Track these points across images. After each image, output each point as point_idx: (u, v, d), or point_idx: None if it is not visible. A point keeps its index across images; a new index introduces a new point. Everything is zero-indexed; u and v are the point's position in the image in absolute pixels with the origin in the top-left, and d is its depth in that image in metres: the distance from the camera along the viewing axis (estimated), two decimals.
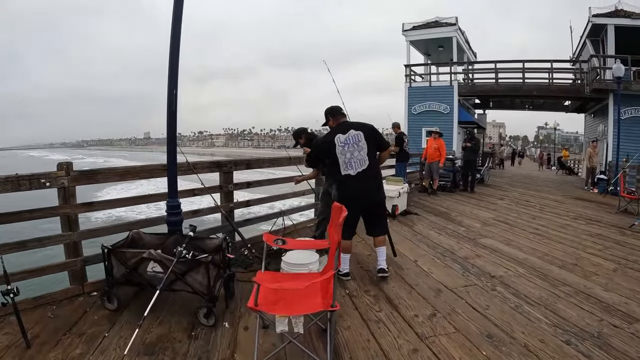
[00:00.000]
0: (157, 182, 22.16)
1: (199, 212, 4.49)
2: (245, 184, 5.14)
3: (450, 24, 17.34)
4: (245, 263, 4.28)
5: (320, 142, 4.04)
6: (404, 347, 2.73)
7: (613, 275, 4.32)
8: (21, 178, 3.12)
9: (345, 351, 2.68)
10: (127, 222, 3.94)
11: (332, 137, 3.79)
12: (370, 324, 3.08)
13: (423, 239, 5.78)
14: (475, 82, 17.68)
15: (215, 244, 3.46)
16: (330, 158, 3.86)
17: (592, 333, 2.95)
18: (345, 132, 3.76)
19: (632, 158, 11.18)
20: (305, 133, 4.88)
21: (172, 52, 3.47)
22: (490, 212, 8.28)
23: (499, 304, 3.50)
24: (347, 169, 3.74)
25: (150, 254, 3.02)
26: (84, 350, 2.61)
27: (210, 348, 2.68)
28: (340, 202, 3.73)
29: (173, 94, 3.47)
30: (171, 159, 3.66)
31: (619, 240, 5.97)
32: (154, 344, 2.70)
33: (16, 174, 3.13)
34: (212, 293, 2.97)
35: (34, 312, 3.14)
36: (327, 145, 3.81)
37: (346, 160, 3.73)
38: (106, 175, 3.67)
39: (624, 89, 12.90)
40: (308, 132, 4.89)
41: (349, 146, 3.74)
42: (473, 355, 2.63)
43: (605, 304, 3.51)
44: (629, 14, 14.10)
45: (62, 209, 3.38)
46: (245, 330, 2.95)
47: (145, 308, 3.11)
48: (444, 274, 4.24)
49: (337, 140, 3.75)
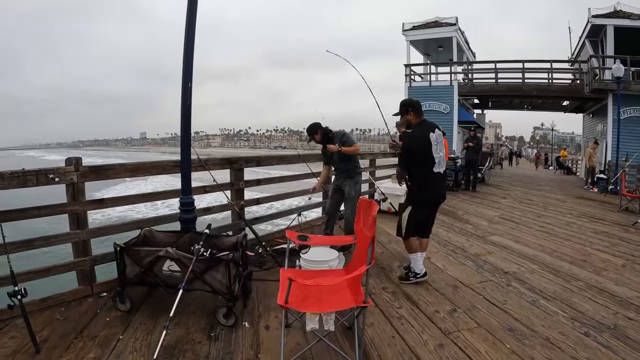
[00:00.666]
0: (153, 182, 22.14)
1: (210, 210, 4.43)
2: (256, 182, 5.09)
3: (450, 24, 17.35)
4: (259, 261, 4.23)
5: (416, 139, 3.65)
6: (430, 343, 2.71)
7: (622, 270, 4.38)
8: (28, 173, 3.00)
9: (372, 348, 2.64)
10: (137, 220, 3.86)
11: (427, 134, 3.60)
12: (392, 320, 3.06)
13: (433, 236, 5.69)
14: (475, 82, 17.70)
15: (232, 241, 3.40)
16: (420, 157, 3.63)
17: (608, 325, 3.01)
18: (434, 131, 3.64)
19: (632, 157, 11.24)
20: (320, 128, 4.70)
21: (187, 45, 3.41)
22: (495, 210, 8.29)
23: (516, 299, 3.52)
24: (438, 168, 3.64)
25: (167, 252, 2.94)
26: (98, 355, 2.50)
27: (232, 349, 2.61)
28: (429, 200, 3.76)
29: (188, 87, 3.40)
30: (185, 155, 3.59)
31: (624, 237, 6.03)
32: (173, 346, 2.62)
33: (22, 169, 3.00)
34: (232, 292, 2.91)
35: (42, 315, 3.01)
36: (425, 145, 3.58)
37: (439, 159, 3.63)
38: (117, 171, 3.60)
39: (624, 89, 12.96)
40: (323, 128, 4.72)
41: (439, 145, 3.65)
42: (498, 349, 2.64)
43: (619, 298, 3.56)
44: (628, 15, 14.18)
45: (70, 206, 3.27)
46: (267, 329, 2.89)
47: (159, 308, 3.08)
48: (458, 271, 4.25)
49: (432, 138, 3.60)
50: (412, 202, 3.77)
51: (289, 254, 2.82)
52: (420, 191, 3.71)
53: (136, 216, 12.49)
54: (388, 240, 5.49)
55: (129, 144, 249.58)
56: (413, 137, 3.70)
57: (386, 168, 8.86)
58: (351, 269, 2.61)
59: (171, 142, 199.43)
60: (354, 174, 4.81)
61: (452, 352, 2.60)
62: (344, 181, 4.78)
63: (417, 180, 3.73)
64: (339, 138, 4.67)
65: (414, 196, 3.77)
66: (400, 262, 4.47)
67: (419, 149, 3.61)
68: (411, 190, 3.80)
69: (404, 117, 3.81)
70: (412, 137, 3.71)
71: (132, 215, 13.32)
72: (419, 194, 3.73)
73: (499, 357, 2.54)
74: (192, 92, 3.48)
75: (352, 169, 4.79)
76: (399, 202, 6.92)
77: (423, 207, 3.75)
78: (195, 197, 3.87)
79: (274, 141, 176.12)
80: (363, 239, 2.48)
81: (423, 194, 3.71)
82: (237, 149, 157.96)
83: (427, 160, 3.59)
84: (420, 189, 3.71)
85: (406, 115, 3.76)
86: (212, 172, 4.20)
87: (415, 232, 3.81)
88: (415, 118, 3.75)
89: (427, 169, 3.61)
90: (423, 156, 3.59)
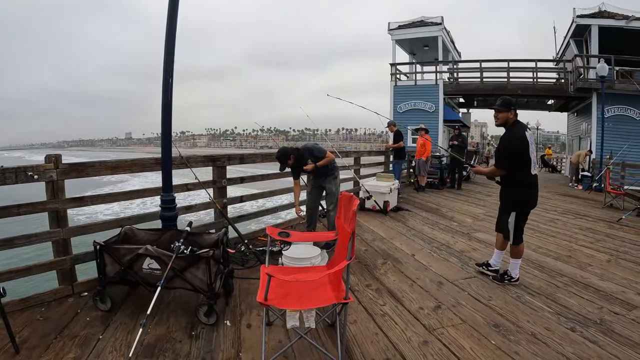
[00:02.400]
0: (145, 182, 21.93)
1: (193, 208, 4.38)
2: (239, 179, 5.03)
3: (436, 24, 17.43)
4: (242, 259, 4.19)
5: (520, 139, 3.47)
6: (414, 340, 2.70)
7: (607, 265, 4.42)
8: (7, 171, 2.95)
9: (355, 345, 2.62)
10: (118, 218, 3.79)
11: (524, 134, 3.48)
12: (376, 317, 3.04)
13: (417, 233, 5.76)
14: (461, 81, 17.83)
15: (213, 239, 3.35)
16: (523, 158, 3.51)
17: (594, 320, 3.03)
18: (528, 130, 3.56)
19: (616, 155, 11.41)
20: (292, 152, 4.50)
21: (168, 39, 3.35)
22: (479, 207, 8.33)
23: (501, 294, 3.53)
24: (534, 169, 3.58)
25: (146, 250, 2.90)
26: (78, 355, 2.46)
27: (213, 348, 2.57)
28: (530, 203, 3.64)
29: (168, 82, 3.34)
30: (166, 151, 3.53)
31: (608, 233, 6.09)
32: (153, 345, 2.58)
33: (1, 167, 2.98)
34: (213, 290, 2.87)
35: (22, 315, 2.96)
36: (524, 144, 3.47)
37: (534, 159, 3.56)
38: (97, 168, 3.53)
39: (608, 88, 13.16)
40: (292, 149, 4.53)
41: (534, 144, 3.60)
42: (483, 345, 2.63)
43: (604, 293, 3.59)
44: (613, 15, 14.43)
45: (50, 204, 3.21)
46: (249, 327, 2.85)
47: (140, 307, 3.03)
48: (443, 267, 4.24)
49: (528, 137, 3.51)
50: (516, 206, 3.65)
51: (273, 252, 2.79)
52: (525, 194, 3.61)
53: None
54: (372, 238, 5.48)
55: (114, 144, 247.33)
56: (516, 138, 3.51)
57: (371, 166, 8.88)
58: (333, 265, 2.58)
59: (157, 142, 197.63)
60: (333, 171, 4.83)
61: (437, 348, 2.59)
62: (325, 179, 4.79)
63: (520, 183, 3.59)
64: (309, 155, 4.60)
65: (518, 200, 3.64)
66: (384, 260, 4.46)
67: (521, 147, 3.47)
68: (514, 193, 3.65)
69: (502, 114, 3.60)
70: (514, 138, 3.51)
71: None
72: (524, 197, 3.63)
73: (484, 353, 2.53)
74: (172, 88, 3.41)
75: (330, 168, 4.81)
76: (383, 200, 7.00)
77: (527, 210, 3.68)
78: (178, 196, 3.82)
79: (260, 141, 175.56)
80: (344, 234, 2.45)
81: (528, 197, 3.63)
82: (223, 149, 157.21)
83: (528, 161, 3.50)
84: (525, 191, 3.61)
85: (509, 115, 3.59)
86: (194, 169, 4.14)
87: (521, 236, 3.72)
88: (515, 117, 3.62)
89: (527, 171, 3.53)
90: (525, 157, 3.48)
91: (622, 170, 10.92)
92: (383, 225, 6.26)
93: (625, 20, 14.15)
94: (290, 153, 4.45)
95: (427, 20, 17.84)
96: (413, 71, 19.78)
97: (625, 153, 11.97)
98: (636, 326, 2.92)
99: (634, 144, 13.04)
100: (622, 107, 14.03)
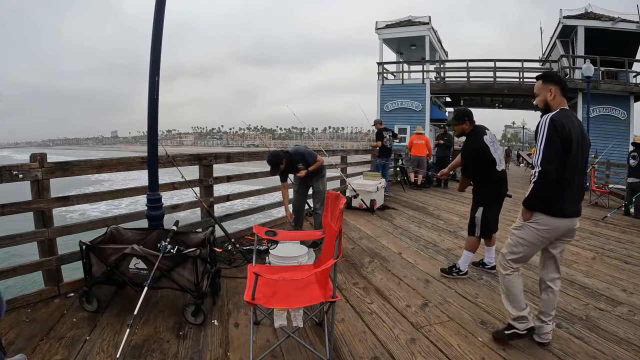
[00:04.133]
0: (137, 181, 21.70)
1: (179, 207, 4.35)
2: (226, 178, 5.01)
3: (423, 23, 17.49)
4: (229, 259, 4.17)
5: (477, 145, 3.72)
6: (401, 337, 2.71)
7: (592, 263, 4.49)
8: None
9: (343, 344, 2.62)
10: (104, 218, 3.74)
11: (482, 139, 3.71)
12: (363, 316, 3.05)
13: (404, 232, 5.79)
14: (447, 80, 17.94)
15: (200, 238, 3.33)
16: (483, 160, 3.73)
17: (580, 317, 3.08)
18: (485, 133, 3.76)
19: (601, 154, 11.57)
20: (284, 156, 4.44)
21: (155, 38, 3.32)
22: (465, 206, 8.35)
23: (487, 292, 3.57)
24: (500, 165, 3.78)
25: (133, 249, 2.87)
26: (65, 356, 2.44)
27: (201, 347, 2.56)
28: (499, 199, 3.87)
29: (155, 80, 3.32)
30: (152, 150, 3.51)
31: (593, 231, 6.19)
32: (141, 345, 2.56)
33: None
34: (200, 289, 2.85)
35: (7, 317, 2.89)
36: (484, 147, 3.69)
37: (499, 158, 3.78)
38: (82, 167, 3.48)
39: (593, 88, 13.32)
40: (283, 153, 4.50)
41: (495, 144, 3.79)
42: (470, 342, 2.66)
43: (589, 290, 3.65)
44: (599, 16, 14.63)
45: (35, 203, 3.16)
46: (236, 327, 2.84)
47: (127, 308, 3.00)
48: (430, 265, 4.27)
49: (487, 141, 3.71)
50: (484, 201, 3.83)
51: (260, 251, 2.78)
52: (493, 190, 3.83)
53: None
54: (359, 236, 5.49)
55: (100, 142, 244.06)
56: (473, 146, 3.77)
57: (358, 165, 8.89)
58: (320, 264, 2.58)
59: (143, 140, 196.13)
60: (320, 170, 4.83)
61: (424, 346, 2.61)
62: (312, 179, 4.79)
63: (487, 181, 3.80)
64: (301, 159, 4.57)
65: (486, 195, 3.83)
66: (372, 258, 4.48)
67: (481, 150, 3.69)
68: (483, 191, 3.84)
69: (457, 126, 3.90)
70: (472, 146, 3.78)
71: None
72: (491, 192, 3.84)
73: (472, 350, 2.56)
74: (159, 86, 3.39)
75: (318, 168, 4.80)
76: (370, 199, 7.02)
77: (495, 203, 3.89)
78: (164, 195, 3.80)
79: (246, 139, 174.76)
80: (331, 233, 2.45)
81: (497, 192, 3.83)
82: (209, 148, 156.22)
83: (491, 162, 3.71)
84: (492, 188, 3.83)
85: (463, 125, 3.85)
86: (181, 168, 4.12)
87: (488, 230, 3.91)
88: (471, 125, 3.86)
89: (493, 169, 3.74)
90: (487, 159, 3.70)
91: (607, 169, 11.12)
92: (370, 224, 6.28)
93: (612, 22, 14.37)
94: (283, 157, 4.37)
95: (414, 19, 17.91)
96: (400, 70, 19.83)
97: (610, 152, 12.16)
98: (621, 322, 2.97)
99: (618, 144, 13.25)
100: (607, 107, 14.24)
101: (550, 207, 2.47)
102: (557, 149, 2.33)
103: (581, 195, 2.69)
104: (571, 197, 2.50)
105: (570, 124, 2.37)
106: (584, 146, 2.49)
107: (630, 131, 13.98)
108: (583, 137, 2.48)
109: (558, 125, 2.33)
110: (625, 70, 14.53)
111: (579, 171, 2.52)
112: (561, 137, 2.32)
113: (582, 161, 2.50)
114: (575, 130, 2.39)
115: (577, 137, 2.39)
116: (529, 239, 2.55)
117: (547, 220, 2.48)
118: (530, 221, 2.53)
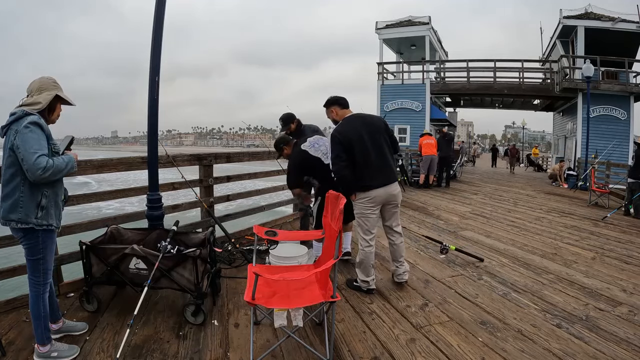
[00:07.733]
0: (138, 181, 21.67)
1: (179, 207, 4.35)
2: (225, 178, 5.00)
3: (423, 23, 17.52)
4: (229, 259, 4.17)
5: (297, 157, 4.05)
6: (401, 337, 2.71)
7: (592, 263, 4.48)
8: None
9: (343, 344, 2.62)
10: (104, 218, 3.74)
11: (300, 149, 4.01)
12: (363, 316, 3.05)
13: (404, 231, 5.75)
14: (447, 80, 17.97)
15: (200, 238, 3.33)
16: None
17: (580, 317, 3.06)
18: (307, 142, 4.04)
19: (601, 154, 11.59)
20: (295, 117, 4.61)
21: (155, 39, 3.32)
22: (466, 206, 8.41)
23: (487, 292, 3.56)
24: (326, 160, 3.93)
25: (133, 249, 2.86)
26: None
27: (201, 347, 2.55)
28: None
29: (155, 81, 3.32)
30: (152, 150, 3.51)
31: (593, 231, 6.18)
32: (141, 346, 2.55)
33: None
34: (200, 289, 2.84)
35: (7, 317, 2.92)
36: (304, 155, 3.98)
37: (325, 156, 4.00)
38: (83, 167, 3.47)
39: (593, 88, 13.35)
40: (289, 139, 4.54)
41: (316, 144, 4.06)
42: (470, 342, 2.65)
43: (589, 290, 3.64)
44: (599, 17, 14.66)
45: None
46: (236, 327, 2.84)
47: (127, 308, 3.00)
48: (430, 266, 4.27)
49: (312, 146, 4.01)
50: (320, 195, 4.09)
51: (260, 251, 2.77)
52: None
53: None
54: None
55: (100, 142, 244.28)
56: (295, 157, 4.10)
57: None
58: (320, 264, 2.58)
59: (143, 140, 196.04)
60: None
61: (424, 346, 2.60)
62: None
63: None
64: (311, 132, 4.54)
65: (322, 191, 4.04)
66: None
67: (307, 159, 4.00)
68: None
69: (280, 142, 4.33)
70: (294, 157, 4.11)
71: None
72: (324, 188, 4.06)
73: (471, 350, 2.55)
74: (159, 87, 3.39)
75: None
76: None
77: None
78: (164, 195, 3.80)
79: (246, 139, 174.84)
80: (331, 233, 2.45)
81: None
82: (209, 148, 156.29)
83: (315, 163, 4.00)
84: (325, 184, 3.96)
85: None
86: (181, 168, 4.12)
87: None
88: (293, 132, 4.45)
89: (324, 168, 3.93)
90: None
91: (607, 169, 11.10)
92: None
93: (612, 22, 14.39)
94: (294, 117, 4.62)
95: (414, 19, 17.93)
96: (400, 70, 19.85)
97: (610, 152, 12.17)
98: (621, 322, 2.96)
99: (618, 144, 13.26)
100: (607, 107, 14.24)
101: (361, 185, 3.30)
102: (341, 152, 3.24)
103: (386, 168, 3.38)
104: (372, 174, 3.29)
105: (349, 129, 3.32)
106: (371, 133, 3.33)
107: (630, 131, 14.01)
108: (366, 127, 3.35)
109: (337, 136, 3.28)
110: (625, 71, 14.54)
111: (374, 152, 3.31)
112: (342, 142, 3.25)
113: (373, 143, 3.32)
114: (355, 128, 3.31)
115: (358, 133, 3.28)
116: (363, 211, 3.38)
117: (364, 194, 3.32)
118: (356, 200, 3.37)
